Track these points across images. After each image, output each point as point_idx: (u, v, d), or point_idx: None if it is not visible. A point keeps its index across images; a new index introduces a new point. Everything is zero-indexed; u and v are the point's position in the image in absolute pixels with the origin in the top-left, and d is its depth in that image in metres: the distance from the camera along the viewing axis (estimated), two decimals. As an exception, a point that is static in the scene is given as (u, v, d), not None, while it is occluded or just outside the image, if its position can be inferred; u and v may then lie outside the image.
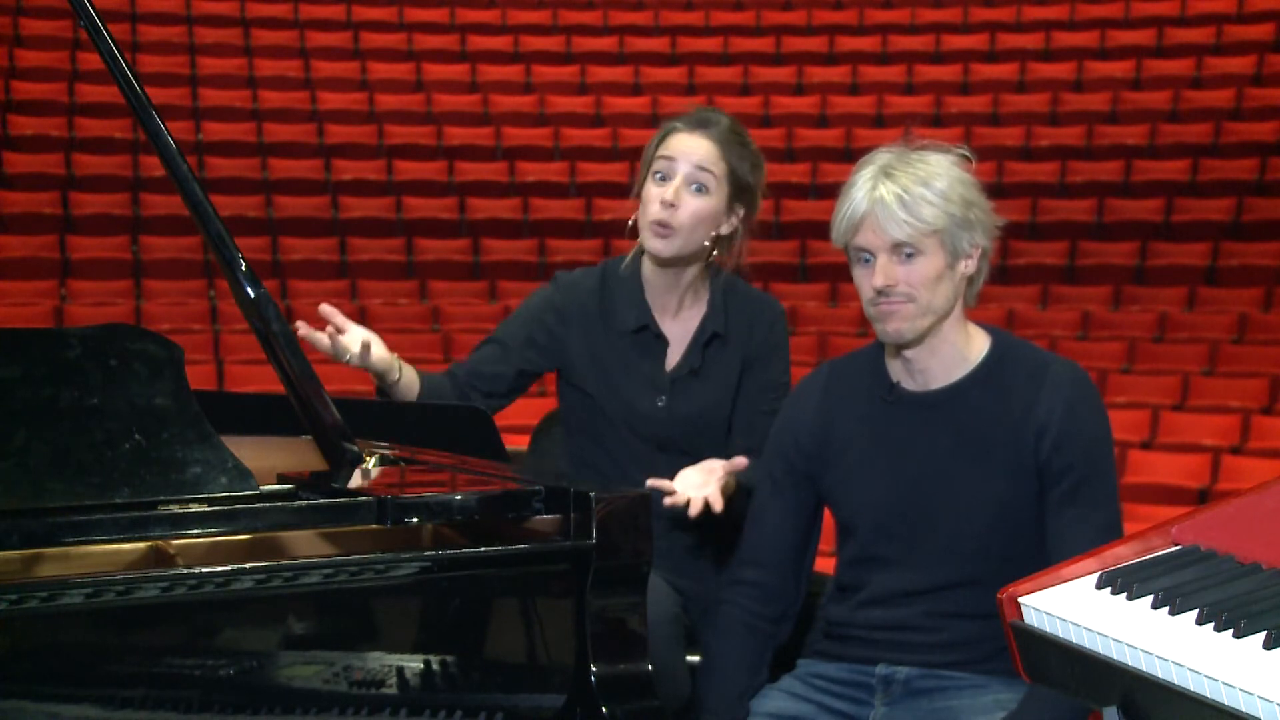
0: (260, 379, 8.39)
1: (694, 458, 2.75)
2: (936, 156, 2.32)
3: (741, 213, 2.79)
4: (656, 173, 2.75)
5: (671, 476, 2.72)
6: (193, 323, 10.09)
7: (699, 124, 2.76)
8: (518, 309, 2.90)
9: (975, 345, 2.39)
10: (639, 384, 2.78)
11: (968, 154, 2.35)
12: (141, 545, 1.92)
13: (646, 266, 2.81)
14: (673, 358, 2.81)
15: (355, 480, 2.12)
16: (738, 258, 2.84)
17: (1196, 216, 11.11)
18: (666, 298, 2.81)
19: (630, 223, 2.80)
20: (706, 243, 2.76)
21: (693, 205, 2.72)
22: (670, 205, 2.70)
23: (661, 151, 2.76)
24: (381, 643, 1.87)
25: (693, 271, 2.80)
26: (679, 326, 2.82)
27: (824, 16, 13.71)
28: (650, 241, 2.75)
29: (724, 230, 2.78)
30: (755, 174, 2.80)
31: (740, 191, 2.78)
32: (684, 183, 2.72)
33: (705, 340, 2.80)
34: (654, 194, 2.74)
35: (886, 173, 2.29)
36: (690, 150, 2.73)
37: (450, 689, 1.89)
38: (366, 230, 11.32)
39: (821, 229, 2.88)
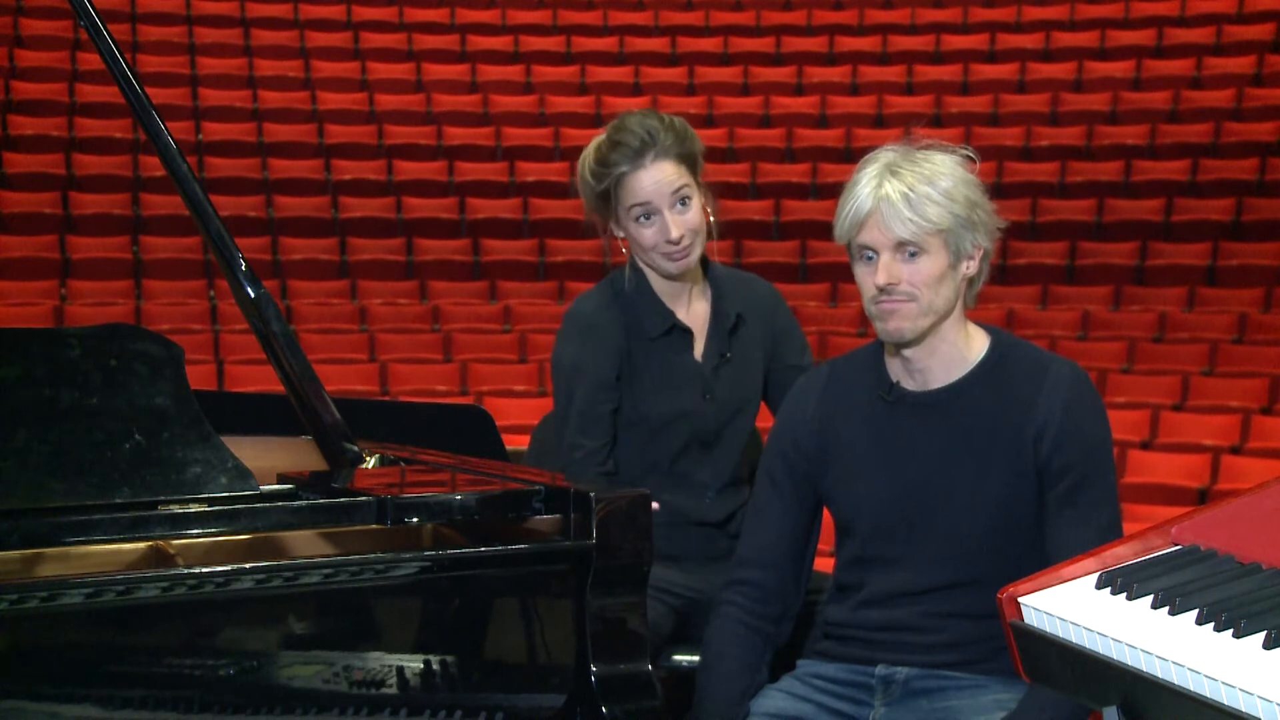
0: (260, 379, 8.38)
1: (731, 447, 2.82)
2: (941, 156, 2.32)
3: (700, 175, 2.78)
4: (637, 217, 2.72)
5: (714, 478, 2.80)
6: (193, 323, 10.09)
7: (640, 152, 2.70)
8: (586, 350, 2.77)
9: (975, 345, 2.39)
10: (683, 384, 2.79)
11: (972, 154, 2.35)
12: (141, 545, 1.92)
13: (653, 276, 2.82)
14: (697, 349, 2.83)
15: (355, 480, 2.12)
16: (716, 218, 2.81)
17: (1196, 216, 11.11)
18: (679, 295, 2.84)
19: (584, 226, 2.81)
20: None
21: (689, 218, 2.72)
22: (679, 238, 2.71)
23: (630, 200, 2.71)
24: (381, 643, 1.87)
25: (698, 264, 2.83)
26: (695, 318, 2.84)
27: (824, 16, 13.71)
28: (669, 267, 2.75)
29: (707, 203, 2.79)
30: (696, 142, 2.77)
31: (697, 165, 2.76)
32: (671, 210, 2.71)
33: (731, 326, 2.83)
34: (651, 236, 2.72)
35: (892, 171, 2.29)
36: (658, 182, 2.69)
37: (450, 689, 1.89)
38: (366, 230, 11.32)
39: (821, 229, 2.90)
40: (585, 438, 2.74)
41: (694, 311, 2.84)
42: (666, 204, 2.70)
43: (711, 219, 2.79)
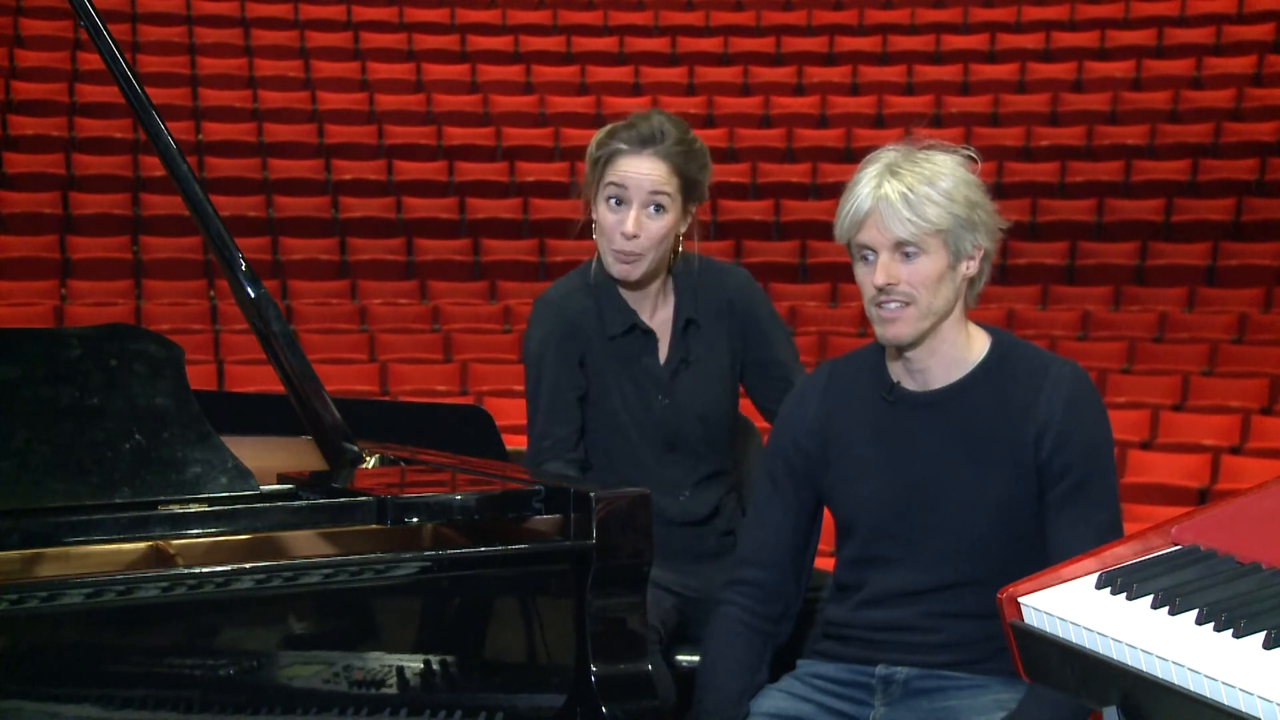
0: (260, 379, 8.39)
1: (704, 454, 2.79)
2: (942, 156, 2.32)
3: (694, 208, 2.76)
4: (610, 197, 2.70)
5: (685, 476, 2.76)
6: (193, 323, 10.10)
7: (645, 141, 2.68)
8: (553, 335, 2.77)
9: (975, 345, 2.39)
10: (641, 385, 2.77)
11: (973, 154, 2.35)
12: (141, 545, 1.92)
13: None
14: (661, 352, 2.81)
15: (355, 480, 2.12)
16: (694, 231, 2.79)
17: (1196, 216, 11.11)
18: (643, 298, 2.80)
19: (581, 226, 2.77)
20: (672, 248, 2.76)
21: (653, 227, 2.69)
22: (633, 236, 2.68)
23: (611, 177, 2.69)
24: (381, 643, 1.87)
25: (662, 270, 2.80)
26: (659, 322, 2.82)
27: (824, 16, 13.71)
28: (615, 269, 2.72)
29: (681, 229, 2.76)
30: (704, 172, 2.75)
31: (693, 193, 2.74)
32: (641, 208, 2.68)
33: (683, 328, 2.80)
34: (611, 222, 2.69)
35: (892, 171, 2.29)
36: (643, 175, 2.67)
37: (450, 689, 1.89)
38: (366, 230, 11.32)
39: (821, 229, 2.89)
40: (555, 425, 2.73)
41: (660, 315, 2.81)
42: (639, 199, 2.68)
43: (680, 249, 2.76)
